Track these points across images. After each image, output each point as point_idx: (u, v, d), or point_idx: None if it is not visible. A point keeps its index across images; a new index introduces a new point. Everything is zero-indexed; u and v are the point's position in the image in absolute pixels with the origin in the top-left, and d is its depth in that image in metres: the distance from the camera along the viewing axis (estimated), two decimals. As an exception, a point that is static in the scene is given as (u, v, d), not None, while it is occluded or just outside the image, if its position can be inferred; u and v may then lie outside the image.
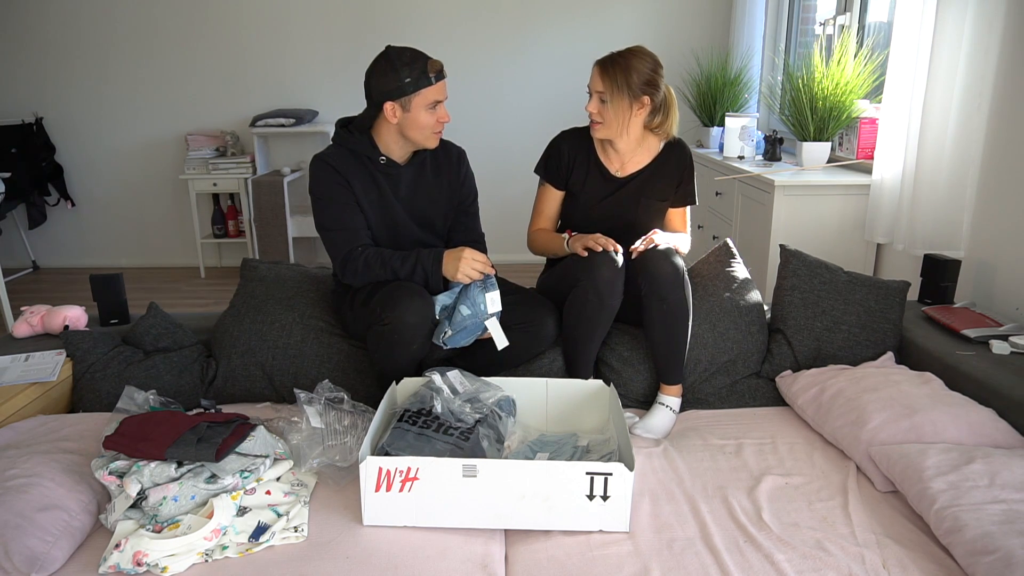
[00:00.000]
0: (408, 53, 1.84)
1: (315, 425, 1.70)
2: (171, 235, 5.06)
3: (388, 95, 1.83)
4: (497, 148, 4.75)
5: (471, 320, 1.81)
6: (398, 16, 4.66)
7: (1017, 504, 1.36)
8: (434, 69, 1.83)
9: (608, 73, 1.95)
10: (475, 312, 1.81)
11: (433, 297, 1.84)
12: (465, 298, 1.83)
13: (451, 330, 1.82)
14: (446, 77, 1.89)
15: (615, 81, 1.94)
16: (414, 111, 1.84)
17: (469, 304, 1.82)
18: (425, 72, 1.82)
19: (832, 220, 2.94)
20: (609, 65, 1.96)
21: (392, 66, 1.82)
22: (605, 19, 4.66)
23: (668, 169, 2.11)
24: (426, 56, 1.85)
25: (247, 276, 2.25)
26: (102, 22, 4.65)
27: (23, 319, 2.22)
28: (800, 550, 1.39)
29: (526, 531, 1.48)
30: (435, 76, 1.84)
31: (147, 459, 1.47)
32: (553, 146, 2.15)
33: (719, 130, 4.00)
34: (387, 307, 1.79)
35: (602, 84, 1.96)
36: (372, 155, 1.93)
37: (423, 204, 2.02)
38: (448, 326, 1.82)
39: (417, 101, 1.83)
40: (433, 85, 1.83)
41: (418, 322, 1.78)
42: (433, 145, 1.94)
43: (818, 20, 3.79)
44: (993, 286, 2.32)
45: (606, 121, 2.00)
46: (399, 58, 1.82)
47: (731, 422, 1.94)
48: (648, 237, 1.94)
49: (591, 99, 2.00)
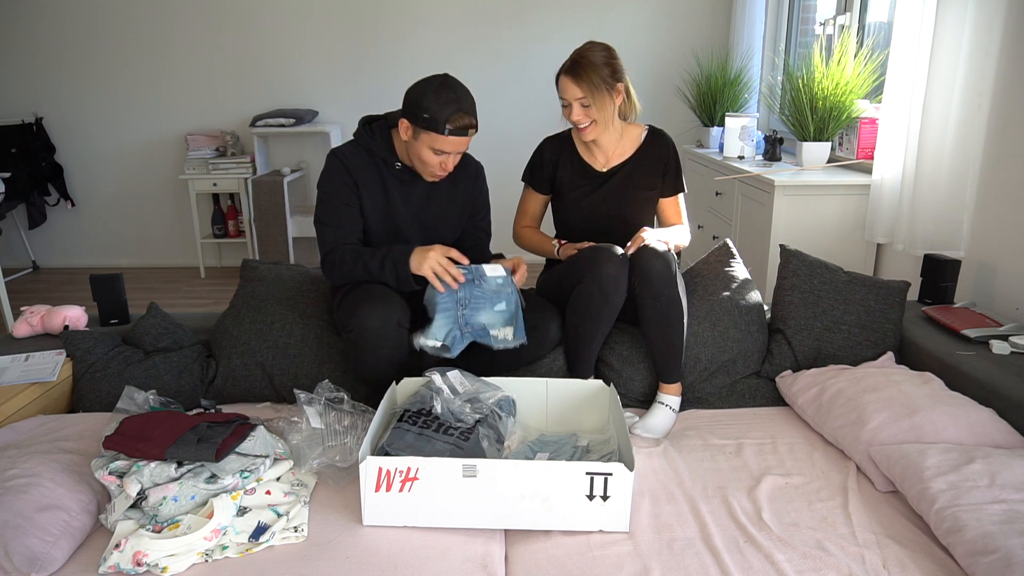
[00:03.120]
0: (449, 94, 1.79)
1: (315, 425, 1.70)
2: (171, 235, 5.06)
3: (407, 114, 1.83)
4: (496, 148, 4.74)
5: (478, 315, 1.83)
6: (398, 16, 4.66)
7: (1017, 504, 1.36)
8: (455, 123, 1.79)
9: (580, 77, 1.97)
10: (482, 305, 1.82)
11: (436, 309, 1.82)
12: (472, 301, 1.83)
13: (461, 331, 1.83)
14: (469, 136, 1.83)
15: (590, 82, 1.96)
16: (420, 143, 1.84)
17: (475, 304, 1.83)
18: (444, 120, 1.78)
19: (832, 220, 2.94)
20: (576, 70, 1.97)
21: (425, 94, 1.79)
22: (605, 19, 4.66)
23: (651, 158, 2.15)
24: (461, 108, 1.79)
25: (247, 276, 2.25)
26: (102, 22, 4.65)
27: (23, 319, 2.22)
28: (800, 550, 1.39)
29: (526, 531, 1.48)
30: (450, 130, 1.79)
31: (147, 459, 1.47)
32: (536, 153, 2.21)
33: (719, 130, 4.00)
34: (350, 314, 1.82)
35: (580, 90, 1.97)
36: (388, 159, 1.95)
37: (433, 213, 2.02)
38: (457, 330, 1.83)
39: (424, 138, 1.82)
40: (443, 136, 1.80)
41: (380, 326, 1.78)
42: (429, 179, 1.94)
43: (818, 20, 3.79)
44: (993, 286, 2.32)
45: (598, 120, 2.02)
46: (438, 92, 1.79)
47: (731, 422, 1.94)
48: (638, 236, 1.94)
49: (571, 109, 2.01)
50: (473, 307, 1.84)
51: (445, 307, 1.81)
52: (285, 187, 4.45)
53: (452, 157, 1.87)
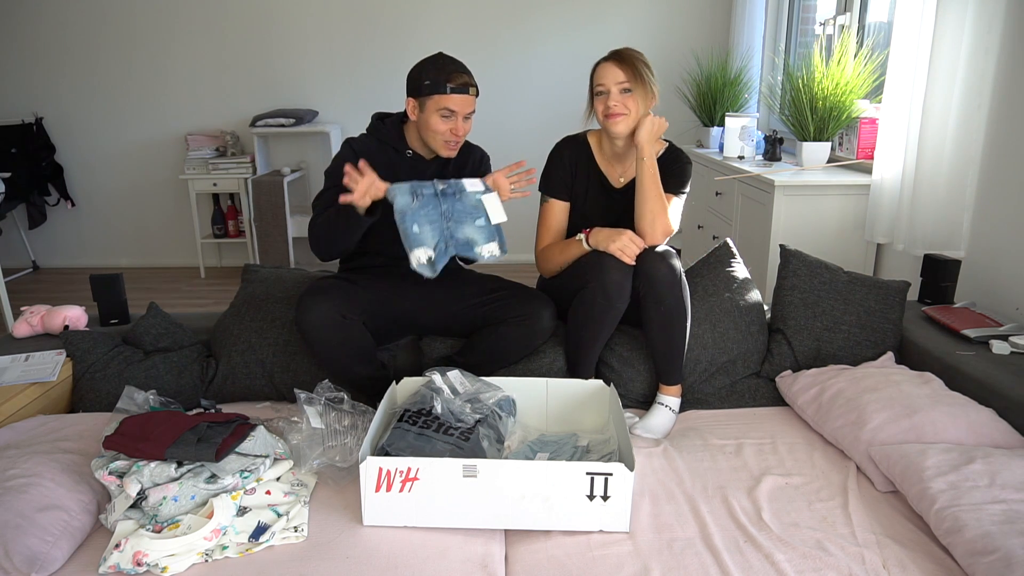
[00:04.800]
0: (442, 60, 1.89)
1: (315, 426, 1.70)
2: (171, 235, 5.06)
3: (411, 91, 1.91)
4: (496, 148, 4.72)
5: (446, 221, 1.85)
6: (399, 16, 4.66)
7: (1017, 504, 1.36)
8: (455, 80, 1.86)
9: (624, 61, 1.93)
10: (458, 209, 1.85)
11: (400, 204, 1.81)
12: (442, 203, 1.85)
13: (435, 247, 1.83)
14: (471, 94, 1.89)
15: (634, 67, 1.93)
16: (427, 113, 1.88)
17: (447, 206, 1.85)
18: (444, 80, 1.85)
19: (832, 220, 2.94)
20: (621, 56, 1.94)
21: (423, 67, 1.89)
22: (605, 19, 4.66)
23: (665, 176, 2.01)
24: (456, 68, 1.88)
25: (248, 279, 2.25)
26: (102, 22, 4.65)
27: (23, 319, 2.22)
28: (800, 550, 1.39)
29: (526, 531, 1.48)
30: (452, 87, 1.85)
31: (147, 459, 1.47)
32: (554, 155, 2.11)
33: (719, 130, 4.00)
34: (296, 311, 1.84)
35: (623, 73, 1.92)
36: (399, 147, 1.99)
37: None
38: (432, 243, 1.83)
39: (430, 105, 1.87)
40: (446, 94, 1.85)
41: (320, 319, 1.80)
42: (446, 154, 1.96)
43: (818, 20, 3.79)
44: (993, 286, 2.32)
45: (631, 111, 1.94)
46: (433, 63, 1.88)
47: (731, 422, 1.94)
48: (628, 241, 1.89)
49: (608, 95, 1.93)
50: (456, 220, 1.87)
51: (431, 218, 1.84)
52: (285, 187, 4.44)
53: (460, 120, 1.89)
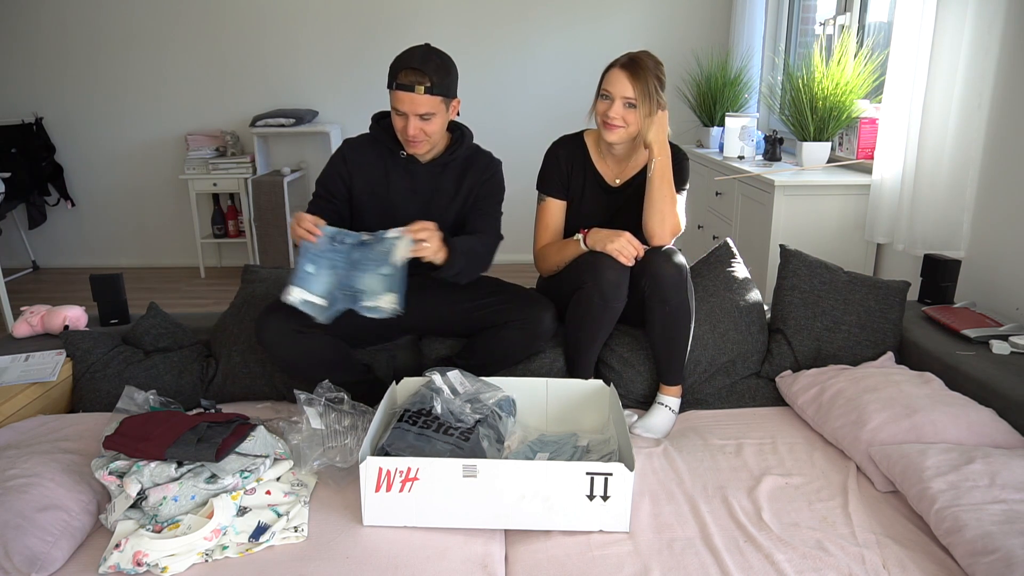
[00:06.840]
0: (405, 54, 1.82)
1: (315, 426, 1.70)
2: (171, 235, 5.06)
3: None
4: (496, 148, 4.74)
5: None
6: (398, 16, 4.66)
7: (1017, 504, 1.36)
8: (401, 77, 1.78)
9: (637, 77, 1.88)
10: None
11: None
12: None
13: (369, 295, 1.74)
14: (417, 92, 1.77)
15: (646, 85, 1.89)
16: (392, 108, 1.86)
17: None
18: (393, 76, 1.81)
19: (832, 220, 2.94)
20: (635, 69, 1.89)
21: (396, 59, 1.84)
22: (605, 19, 4.66)
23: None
24: (409, 63, 1.78)
25: (248, 279, 2.25)
26: (102, 22, 4.65)
27: (23, 319, 2.22)
28: (800, 550, 1.39)
29: (526, 531, 1.48)
30: (398, 83, 1.78)
31: (147, 459, 1.47)
32: (550, 156, 2.11)
33: (719, 130, 3.99)
34: (255, 330, 1.85)
35: (633, 90, 1.88)
36: (393, 148, 1.96)
37: (438, 203, 1.99)
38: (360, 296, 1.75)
39: (391, 99, 1.84)
40: (393, 90, 1.80)
41: (274, 336, 1.81)
42: (410, 151, 1.91)
43: (818, 20, 3.79)
44: (993, 286, 2.32)
45: (630, 125, 1.94)
46: (400, 55, 1.83)
47: (731, 422, 1.94)
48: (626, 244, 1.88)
49: (612, 104, 1.91)
50: (360, 268, 1.75)
51: (334, 264, 1.74)
52: (285, 187, 4.45)
53: (413, 119, 1.80)
